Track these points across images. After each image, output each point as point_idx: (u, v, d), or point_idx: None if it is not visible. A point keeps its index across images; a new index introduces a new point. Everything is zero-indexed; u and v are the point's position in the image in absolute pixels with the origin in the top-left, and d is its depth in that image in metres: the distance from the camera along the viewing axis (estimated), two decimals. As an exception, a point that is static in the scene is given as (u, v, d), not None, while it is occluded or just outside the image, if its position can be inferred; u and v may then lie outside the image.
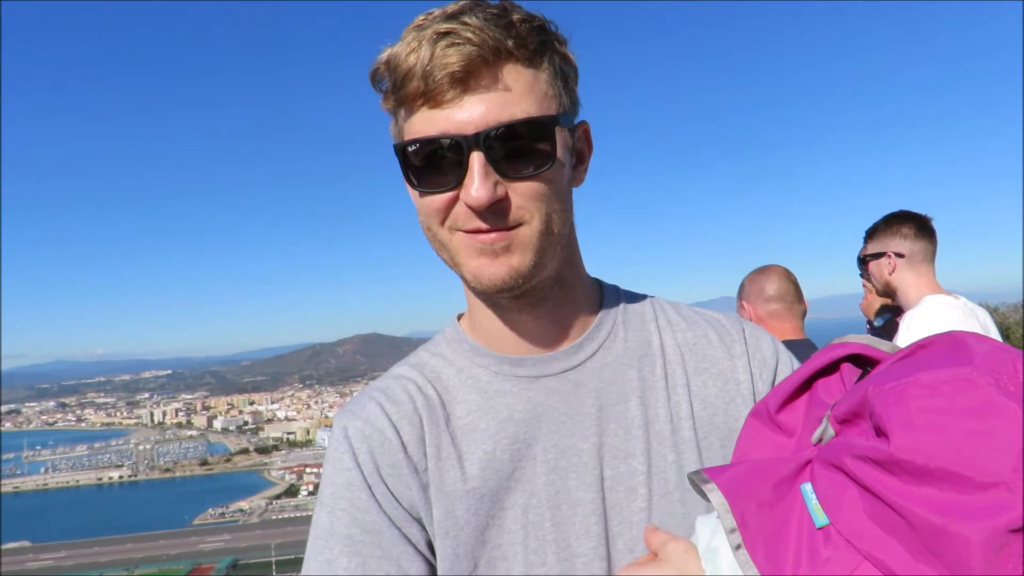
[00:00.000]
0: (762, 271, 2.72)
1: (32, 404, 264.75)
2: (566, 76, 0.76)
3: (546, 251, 0.75)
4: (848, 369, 0.64)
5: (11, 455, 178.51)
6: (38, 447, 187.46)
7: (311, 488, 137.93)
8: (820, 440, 0.59)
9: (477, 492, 0.76)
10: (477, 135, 0.68)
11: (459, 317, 0.89)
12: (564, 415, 0.80)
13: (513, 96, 0.70)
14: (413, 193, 0.76)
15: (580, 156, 0.81)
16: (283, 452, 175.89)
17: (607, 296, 0.88)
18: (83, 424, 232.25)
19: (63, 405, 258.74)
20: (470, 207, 0.71)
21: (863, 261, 2.68)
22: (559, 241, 0.77)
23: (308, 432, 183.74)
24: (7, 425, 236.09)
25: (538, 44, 0.72)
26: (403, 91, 0.70)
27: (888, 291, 2.61)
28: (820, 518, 0.53)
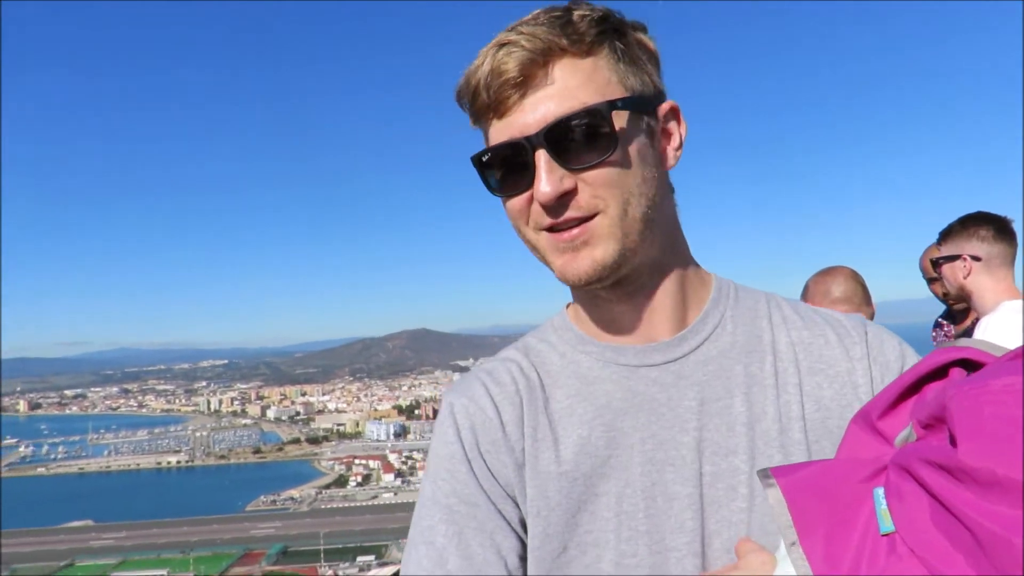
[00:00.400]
0: (828, 272, 2.60)
1: (97, 389, 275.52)
2: (634, 59, 0.75)
3: (629, 237, 0.75)
4: (958, 374, 0.60)
5: (77, 437, 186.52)
6: (102, 430, 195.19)
7: (359, 479, 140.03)
8: (904, 444, 0.57)
9: (570, 475, 0.77)
10: (538, 133, 0.71)
11: (568, 306, 0.89)
12: (664, 406, 0.79)
13: (570, 90, 0.71)
14: (502, 199, 0.79)
15: (668, 136, 0.80)
16: (333, 443, 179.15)
17: (718, 289, 0.86)
18: (144, 410, 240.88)
19: (126, 391, 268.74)
20: (541, 203, 0.73)
21: (936, 264, 2.55)
22: (646, 225, 0.76)
23: (357, 424, 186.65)
24: (73, 408, 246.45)
25: (595, 35, 0.72)
26: (475, 106, 0.75)
27: (962, 295, 2.50)
28: (886, 524, 0.51)
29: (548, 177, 0.71)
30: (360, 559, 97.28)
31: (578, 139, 0.71)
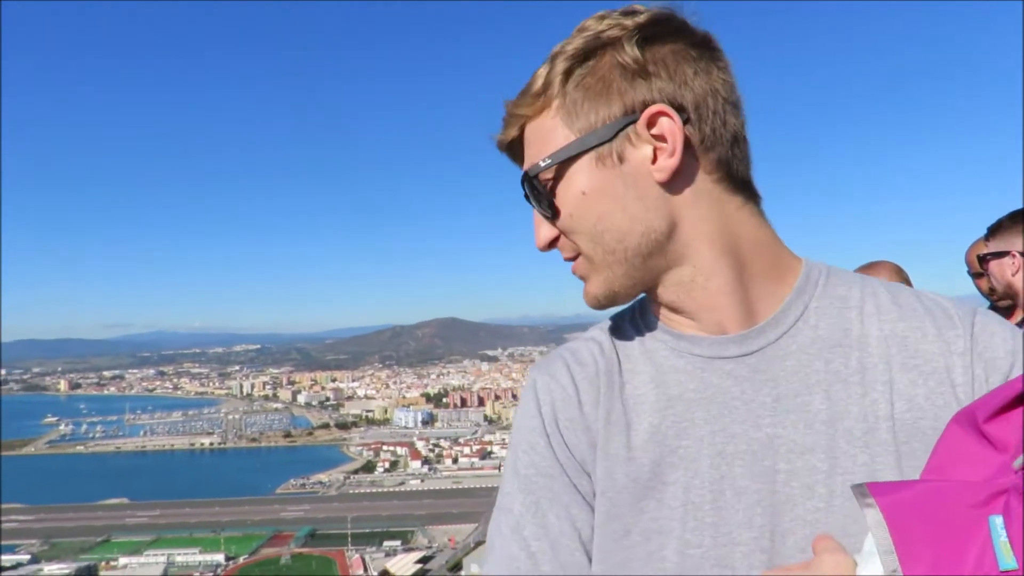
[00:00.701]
0: (870, 267, 2.52)
1: (134, 371, 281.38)
2: (593, 89, 0.76)
3: (611, 269, 0.78)
4: None
5: (114, 417, 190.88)
6: (138, 411, 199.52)
7: (387, 465, 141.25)
8: None
9: (638, 461, 0.77)
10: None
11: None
12: (737, 400, 0.77)
13: (529, 155, 0.80)
14: None
15: (662, 143, 0.75)
16: (362, 429, 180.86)
17: (805, 277, 0.81)
18: (179, 392, 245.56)
19: (162, 373, 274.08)
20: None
21: (983, 259, 2.44)
22: (627, 255, 0.77)
23: (386, 411, 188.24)
24: (111, 389, 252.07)
25: (552, 79, 0.77)
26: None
27: (1010, 293, 2.39)
28: (1007, 559, 0.45)
29: (537, 229, 0.81)
30: (386, 544, 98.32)
31: (536, 198, 0.79)
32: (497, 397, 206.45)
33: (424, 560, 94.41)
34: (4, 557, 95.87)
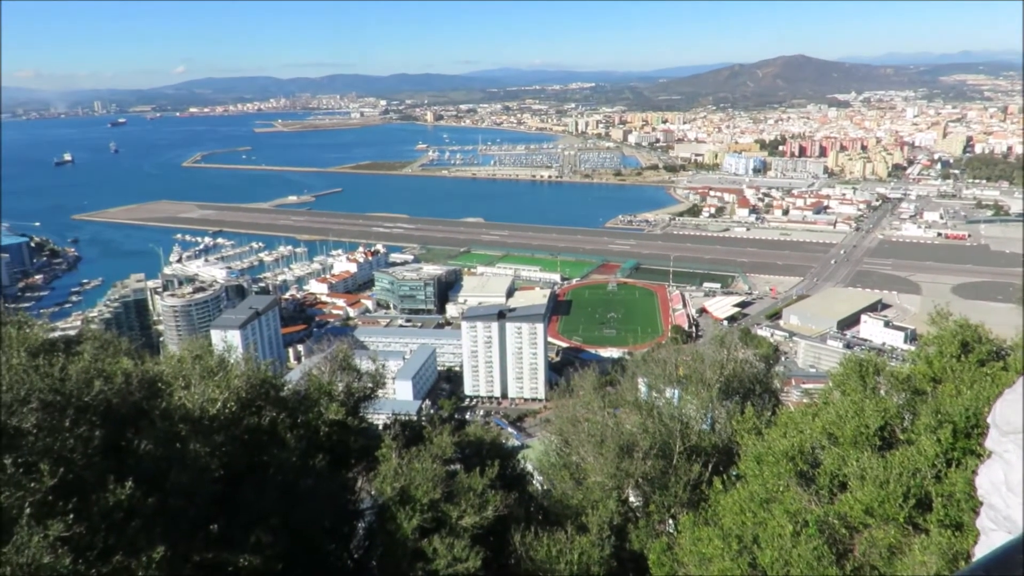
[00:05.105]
0: None
1: (484, 105, 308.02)
2: None
3: None
4: None
5: (470, 147, 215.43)
6: (489, 143, 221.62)
7: (712, 211, 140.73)
8: None
9: None
10: None
11: None
12: None
13: None
14: None
15: None
16: (690, 173, 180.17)
17: None
18: (522, 127, 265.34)
19: (507, 108, 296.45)
20: None
21: None
22: None
23: (716, 156, 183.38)
24: (466, 121, 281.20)
25: None
26: None
27: None
28: None
29: None
30: (706, 285, 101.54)
31: None
32: (843, 148, 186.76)
33: (742, 305, 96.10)
34: (394, 256, 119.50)
